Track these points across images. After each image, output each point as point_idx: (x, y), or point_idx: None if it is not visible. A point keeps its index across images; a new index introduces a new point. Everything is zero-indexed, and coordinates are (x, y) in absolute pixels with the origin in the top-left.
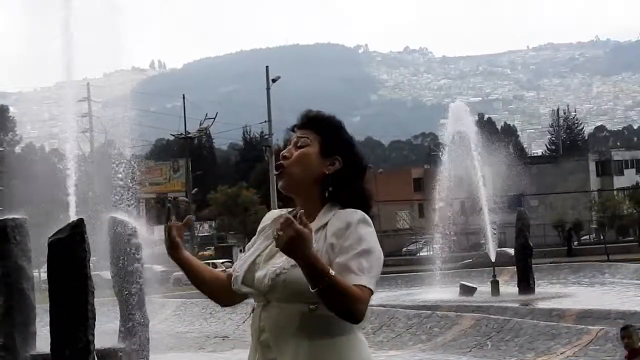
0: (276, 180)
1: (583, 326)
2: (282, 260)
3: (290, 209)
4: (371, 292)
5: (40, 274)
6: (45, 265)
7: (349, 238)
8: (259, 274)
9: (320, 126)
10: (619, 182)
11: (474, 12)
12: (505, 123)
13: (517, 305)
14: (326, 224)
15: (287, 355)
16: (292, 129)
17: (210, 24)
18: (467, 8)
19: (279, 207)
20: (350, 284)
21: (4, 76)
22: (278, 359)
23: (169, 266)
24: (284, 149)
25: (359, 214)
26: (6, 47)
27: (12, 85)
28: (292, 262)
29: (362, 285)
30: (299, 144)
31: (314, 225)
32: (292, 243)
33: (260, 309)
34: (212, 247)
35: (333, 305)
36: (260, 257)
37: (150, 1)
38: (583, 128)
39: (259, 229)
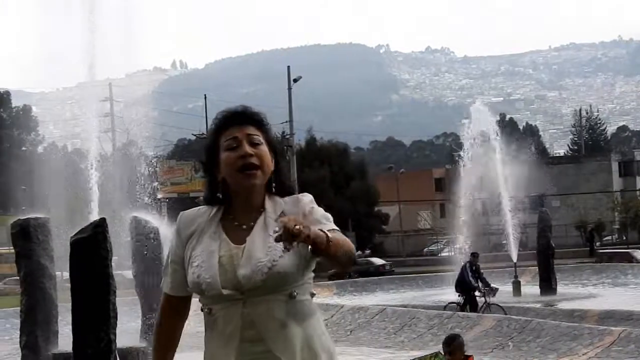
0: (247, 178)
1: (605, 327)
2: (264, 255)
3: (206, 207)
4: None
5: (62, 273)
6: (68, 265)
7: (315, 215)
8: (243, 272)
9: (263, 124)
10: None
11: (495, 12)
12: (527, 123)
13: (538, 305)
14: (281, 212)
15: (280, 343)
16: (226, 124)
17: (231, 24)
18: (489, 8)
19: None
20: (331, 229)
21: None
22: (272, 349)
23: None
24: (235, 144)
25: (305, 195)
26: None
27: (34, 85)
28: (278, 253)
29: (336, 229)
30: (254, 142)
31: (271, 214)
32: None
33: (238, 307)
34: None
35: (338, 257)
36: (228, 259)
37: (171, 2)
38: (605, 128)
39: (184, 234)
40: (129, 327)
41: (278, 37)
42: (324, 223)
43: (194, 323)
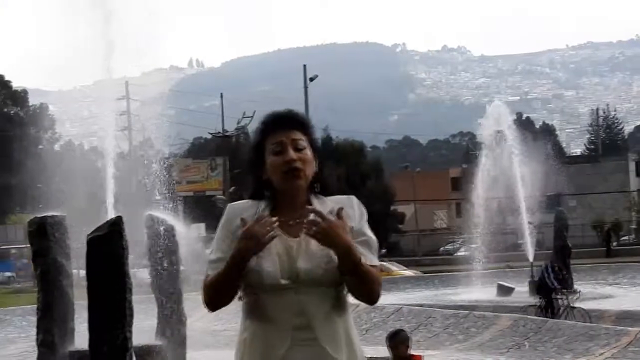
0: (288, 181)
1: (622, 327)
2: (320, 250)
3: (252, 201)
4: None
5: (79, 271)
6: (84, 262)
7: (360, 220)
8: (303, 266)
9: (307, 128)
10: None
11: (512, 11)
12: (543, 122)
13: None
14: (330, 211)
15: (328, 334)
16: (273, 128)
17: (248, 23)
18: (505, 6)
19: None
20: (370, 264)
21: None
22: (319, 337)
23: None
24: (281, 148)
25: (354, 199)
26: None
27: (51, 83)
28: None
29: (377, 266)
30: (298, 147)
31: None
32: (329, 234)
33: (290, 296)
34: None
35: (360, 288)
36: (285, 250)
37: (188, 0)
38: (623, 127)
39: (234, 225)
40: (145, 325)
41: (294, 36)
42: (365, 237)
43: (210, 321)
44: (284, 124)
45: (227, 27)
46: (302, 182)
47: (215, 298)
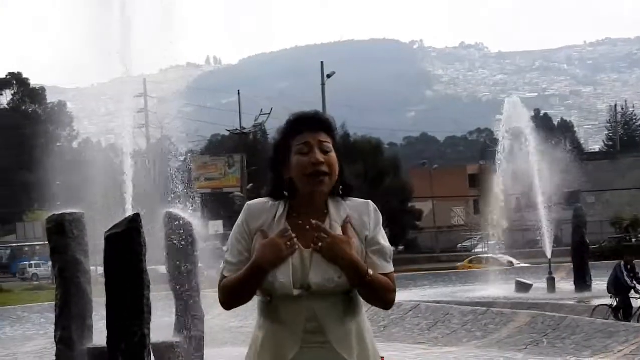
0: (316, 184)
1: None
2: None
3: (271, 201)
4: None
5: (97, 267)
6: (102, 259)
7: (375, 228)
8: (314, 280)
9: (332, 131)
10: None
11: (530, 7)
12: (561, 119)
13: (573, 302)
14: (346, 217)
15: (340, 336)
16: (297, 129)
17: (265, 20)
18: (523, 3)
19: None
20: (384, 271)
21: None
22: (332, 341)
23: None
24: (307, 149)
25: (371, 203)
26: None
27: (69, 81)
28: None
29: (391, 273)
30: (324, 150)
31: (335, 218)
32: (333, 250)
33: (302, 301)
34: None
35: (370, 297)
36: (299, 260)
37: None
38: None
39: (252, 226)
40: (163, 322)
41: (312, 33)
42: (380, 245)
43: (228, 318)
44: (312, 125)
45: (244, 24)
46: (325, 187)
47: (231, 300)
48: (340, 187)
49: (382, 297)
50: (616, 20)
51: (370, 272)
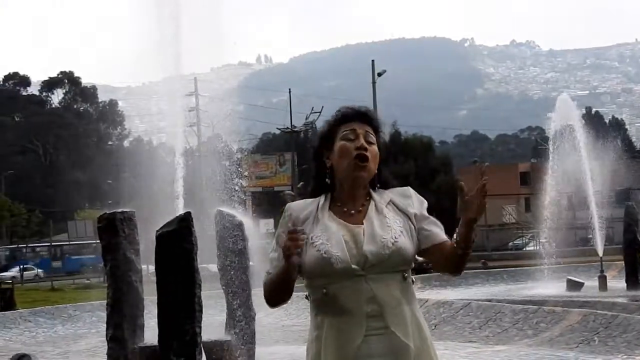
0: (358, 168)
1: None
2: (385, 233)
3: (311, 199)
4: None
5: (148, 266)
6: (153, 258)
7: (420, 207)
8: (369, 248)
9: (377, 126)
10: None
11: (581, 5)
12: (613, 117)
13: (625, 300)
14: (389, 200)
15: (397, 320)
16: (347, 119)
17: (316, 19)
18: (574, 0)
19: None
20: (445, 239)
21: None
22: (391, 326)
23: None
24: (353, 136)
25: (410, 189)
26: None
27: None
28: (397, 233)
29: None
30: (369, 141)
31: (380, 201)
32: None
33: (360, 283)
34: None
35: (463, 263)
36: (351, 237)
37: None
38: None
39: (298, 220)
40: (214, 321)
41: (362, 31)
42: (432, 219)
43: (279, 317)
44: (361, 117)
45: (295, 23)
46: (365, 174)
47: (271, 298)
48: (378, 184)
49: (467, 261)
50: None
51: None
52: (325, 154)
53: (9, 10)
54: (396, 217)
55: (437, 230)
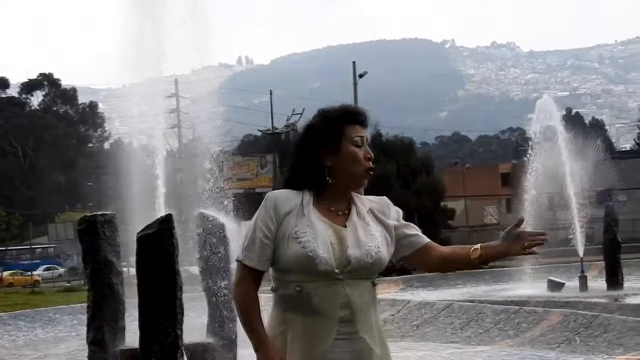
0: (363, 180)
1: None
2: (369, 240)
3: (294, 191)
4: None
5: (129, 269)
6: (134, 260)
7: (398, 217)
8: (354, 253)
9: (367, 127)
10: None
11: (561, 6)
12: (593, 117)
13: (605, 300)
14: (369, 208)
15: (366, 326)
16: (352, 121)
17: (297, 20)
18: (554, 2)
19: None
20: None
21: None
22: (360, 332)
23: None
24: (361, 143)
25: (387, 199)
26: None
27: (100, 82)
28: (379, 242)
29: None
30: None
31: (361, 207)
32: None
33: (338, 287)
34: None
35: (464, 269)
36: (337, 239)
37: None
38: None
39: (281, 211)
40: (196, 323)
41: (344, 33)
42: (411, 225)
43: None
44: (364, 120)
45: (276, 24)
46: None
47: (239, 309)
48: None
49: None
50: None
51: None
52: (323, 152)
53: None
54: (377, 227)
55: (418, 236)
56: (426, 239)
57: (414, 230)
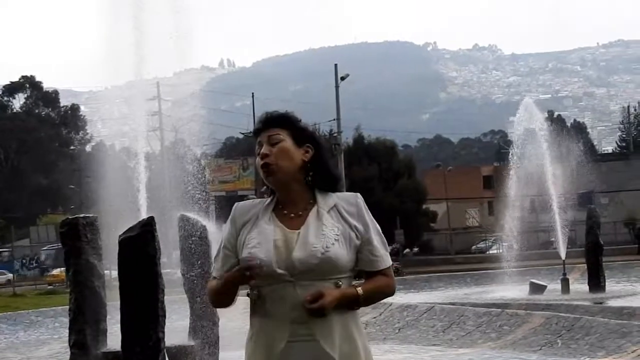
0: (265, 177)
1: None
2: (318, 241)
3: (260, 199)
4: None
5: (111, 271)
6: (116, 263)
7: (365, 221)
8: (297, 255)
9: (285, 122)
10: None
11: (543, 9)
12: (575, 120)
13: (587, 303)
14: (333, 205)
15: (323, 330)
16: (256, 133)
17: (279, 23)
18: (536, 5)
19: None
20: (380, 268)
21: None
22: (316, 335)
23: None
24: (260, 148)
25: (359, 196)
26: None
27: (83, 84)
28: (331, 241)
29: (388, 268)
30: (273, 142)
31: (323, 206)
32: (324, 308)
33: (288, 289)
34: None
35: (373, 303)
36: (284, 242)
37: (219, 0)
38: None
39: (239, 222)
40: (178, 326)
41: (326, 35)
42: (373, 243)
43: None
44: (265, 124)
45: (258, 27)
46: (277, 175)
47: (215, 303)
48: (313, 177)
49: (382, 299)
50: (629, 22)
51: (360, 290)
52: None
53: None
54: (335, 225)
55: (373, 260)
56: (383, 265)
57: (382, 250)
